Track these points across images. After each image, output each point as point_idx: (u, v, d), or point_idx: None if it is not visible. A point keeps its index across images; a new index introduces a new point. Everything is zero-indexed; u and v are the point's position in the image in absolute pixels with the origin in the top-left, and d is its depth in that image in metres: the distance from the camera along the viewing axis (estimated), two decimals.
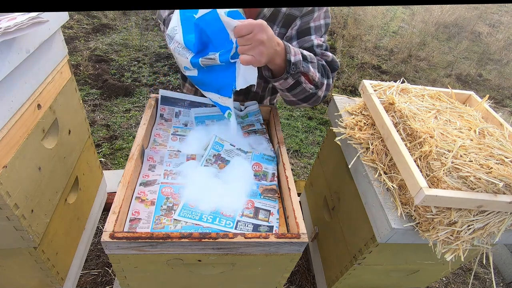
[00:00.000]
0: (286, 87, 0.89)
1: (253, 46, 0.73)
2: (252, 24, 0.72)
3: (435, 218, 0.82)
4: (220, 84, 0.90)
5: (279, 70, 0.85)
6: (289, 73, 0.84)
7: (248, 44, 0.73)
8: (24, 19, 0.76)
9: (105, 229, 0.67)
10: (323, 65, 0.95)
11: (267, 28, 0.74)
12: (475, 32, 5.33)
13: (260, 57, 0.74)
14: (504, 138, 0.98)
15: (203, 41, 0.87)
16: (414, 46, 4.19)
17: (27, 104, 0.88)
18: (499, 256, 1.78)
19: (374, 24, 4.65)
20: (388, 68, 3.77)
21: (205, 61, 0.85)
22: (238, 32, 0.73)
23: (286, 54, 0.82)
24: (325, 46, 1.01)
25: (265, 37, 0.73)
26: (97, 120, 2.29)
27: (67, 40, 3.11)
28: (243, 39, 0.73)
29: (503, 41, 4.82)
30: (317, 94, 0.94)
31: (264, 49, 0.74)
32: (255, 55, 0.74)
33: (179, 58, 0.91)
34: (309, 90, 0.91)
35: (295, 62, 0.83)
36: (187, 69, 0.92)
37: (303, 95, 0.92)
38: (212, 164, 0.92)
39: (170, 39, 0.93)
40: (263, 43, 0.73)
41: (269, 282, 0.88)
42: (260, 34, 0.72)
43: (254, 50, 0.73)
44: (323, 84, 0.93)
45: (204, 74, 0.91)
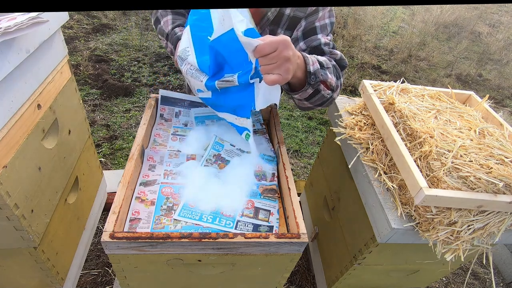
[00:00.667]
0: (305, 97, 0.87)
1: (279, 64, 0.69)
2: (277, 41, 0.68)
3: (435, 218, 0.82)
4: (236, 104, 0.86)
5: (299, 82, 0.83)
6: (310, 84, 0.82)
7: (273, 63, 0.69)
8: (24, 19, 0.76)
9: (105, 229, 0.67)
10: (334, 65, 0.94)
11: (291, 44, 0.70)
12: (475, 32, 5.33)
13: (287, 74, 0.70)
14: (504, 138, 0.98)
15: (219, 63, 0.83)
16: (414, 46, 4.19)
17: (27, 104, 0.88)
18: (499, 256, 1.78)
19: (374, 24, 4.65)
20: (388, 68, 3.77)
21: (222, 83, 0.81)
22: (261, 51, 0.68)
23: (306, 66, 0.80)
24: (332, 44, 1.00)
25: (291, 53, 0.70)
26: (97, 120, 2.29)
27: (67, 40, 3.11)
28: (266, 58, 0.69)
29: (503, 41, 4.82)
30: (333, 97, 0.93)
31: (290, 66, 0.70)
32: (282, 73, 0.70)
33: (192, 81, 0.87)
34: (327, 96, 0.89)
35: (314, 72, 0.81)
36: (200, 91, 0.89)
37: (321, 101, 0.91)
38: (212, 164, 0.92)
39: (181, 61, 0.89)
40: (289, 60, 0.70)
41: (269, 282, 0.88)
42: (286, 51, 0.69)
43: (280, 68, 0.69)
44: (338, 86, 0.92)
45: (219, 96, 0.87)
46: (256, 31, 0.74)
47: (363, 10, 4.95)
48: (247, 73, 0.77)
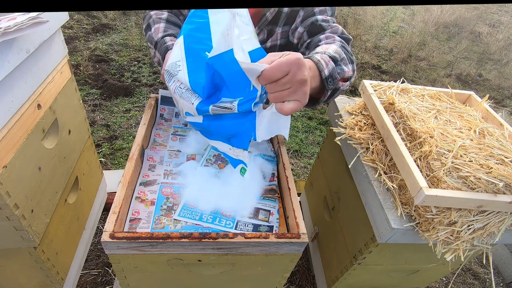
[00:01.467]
0: (324, 100, 0.79)
1: (295, 89, 0.57)
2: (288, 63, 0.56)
3: (435, 218, 0.82)
4: (233, 133, 0.75)
5: (315, 91, 0.73)
6: (328, 89, 0.73)
7: (287, 88, 0.58)
8: (24, 19, 0.76)
9: (105, 229, 0.67)
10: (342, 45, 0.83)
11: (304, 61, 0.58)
12: (475, 32, 5.33)
13: (305, 98, 0.59)
14: (504, 138, 0.98)
15: (216, 84, 0.71)
16: (414, 46, 4.19)
17: (27, 104, 0.88)
18: (499, 256, 1.78)
19: (374, 24, 4.65)
20: (388, 68, 3.77)
21: (218, 109, 0.69)
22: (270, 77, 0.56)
23: (320, 72, 0.70)
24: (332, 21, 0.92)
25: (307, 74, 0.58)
26: (97, 120, 2.29)
27: (67, 40, 3.11)
28: (277, 85, 0.57)
29: (503, 41, 4.82)
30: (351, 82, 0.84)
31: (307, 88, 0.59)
32: (300, 99, 0.59)
33: (181, 101, 0.74)
34: (346, 87, 0.81)
35: (330, 74, 0.72)
36: (190, 115, 0.76)
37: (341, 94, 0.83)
38: (212, 164, 0.92)
39: (169, 77, 0.76)
40: (306, 81, 0.58)
41: (269, 282, 0.88)
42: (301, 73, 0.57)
43: (297, 93, 0.58)
44: (355, 70, 0.83)
45: (211, 122, 0.75)
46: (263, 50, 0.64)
47: (363, 10, 4.95)
48: (250, 101, 0.66)
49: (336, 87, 0.77)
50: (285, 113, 0.60)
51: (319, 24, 0.90)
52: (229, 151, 0.80)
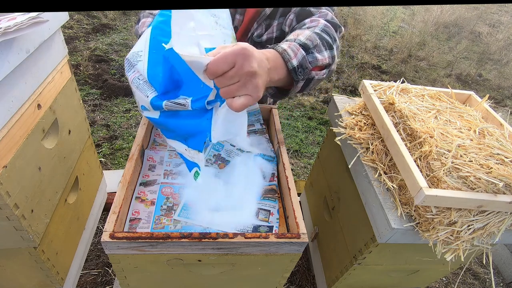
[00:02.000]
0: (297, 91, 0.76)
1: (244, 82, 0.54)
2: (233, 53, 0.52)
3: (435, 218, 0.82)
4: (188, 132, 0.70)
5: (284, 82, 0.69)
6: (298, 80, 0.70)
7: (235, 82, 0.54)
8: (24, 19, 0.76)
9: (105, 229, 0.67)
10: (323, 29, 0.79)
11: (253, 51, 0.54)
12: (475, 32, 5.33)
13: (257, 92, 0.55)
14: (504, 138, 0.98)
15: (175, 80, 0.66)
16: (414, 46, 4.19)
17: (27, 104, 0.88)
18: (499, 256, 1.78)
19: (374, 24, 4.65)
20: (388, 68, 3.77)
21: (172, 105, 0.65)
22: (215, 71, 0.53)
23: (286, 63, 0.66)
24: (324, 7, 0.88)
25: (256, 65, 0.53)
26: (97, 120, 2.29)
27: (67, 40, 3.11)
28: (224, 78, 0.53)
29: (503, 41, 4.82)
30: (331, 70, 0.80)
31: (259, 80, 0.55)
32: (251, 93, 0.55)
33: (138, 93, 0.70)
34: (323, 76, 0.77)
35: (300, 64, 0.68)
36: (145, 109, 0.71)
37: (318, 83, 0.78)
38: (212, 164, 0.92)
39: (129, 66, 0.72)
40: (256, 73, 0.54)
41: (269, 282, 0.88)
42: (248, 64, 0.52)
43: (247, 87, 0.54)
44: (334, 57, 0.78)
45: (167, 119, 0.70)
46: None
47: (363, 10, 4.95)
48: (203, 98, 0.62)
49: (309, 77, 0.73)
50: (235, 109, 0.55)
51: (308, 9, 0.86)
52: (184, 152, 0.76)
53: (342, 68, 3.57)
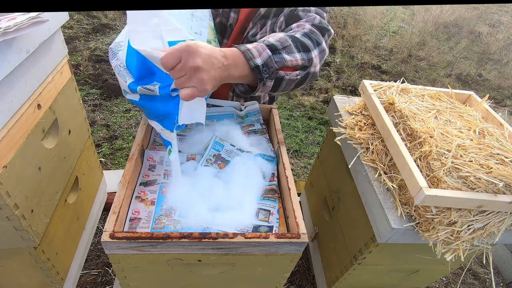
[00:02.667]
0: (270, 90, 0.79)
1: (189, 76, 0.61)
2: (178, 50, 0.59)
3: (435, 218, 0.82)
4: (162, 113, 0.79)
5: (250, 79, 0.74)
6: (263, 78, 0.73)
7: (183, 75, 0.61)
8: (24, 19, 0.76)
9: (105, 229, 0.67)
10: (305, 33, 0.83)
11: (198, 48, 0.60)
12: (475, 32, 5.33)
13: (202, 85, 0.61)
14: (504, 138, 0.98)
15: (148, 67, 0.75)
16: (414, 46, 4.19)
17: (27, 104, 0.88)
18: (499, 256, 1.78)
19: (374, 24, 4.65)
20: (388, 68, 3.77)
21: (144, 90, 0.74)
22: (165, 65, 0.60)
23: (248, 61, 0.70)
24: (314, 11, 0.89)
25: (199, 61, 0.60)
26: (97, 120, 2.29)
27: (67, 40, 3.11)
28: (174, 71, 0.61)
29: (503, 41, 4.82)
30: (310, 72, 0.82)
31: (204, 75, 0.61)
32: (196, 85, 0.61)
33: (119, 79, 0.80)
34: (296, 77, 0.79)
35: (265, 63, 0.72)
36: (126, 92, 0.80)
37: (292, 84, 0.81)
38: (212, 164, 0.92)
39: (112, 55, 0.81)
40: (199, 68, 0.60)
41: (269, 282, 0.88)
42: (191, 59, 0.59)
43: (192, 80, 0.61)
44: (311, 59, 0.81)
45: (145, 101, 0.79)
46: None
47: (363, 10, 4.95)
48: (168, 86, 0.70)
49: (278, 77, 0.76)
50: (182, 99, 0.63)
51: (296, 13, 0.88)
52: (161, 131, 0.84)
53: (342, 68, 3.57)
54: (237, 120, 1.10)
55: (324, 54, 0.86)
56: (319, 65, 0.85)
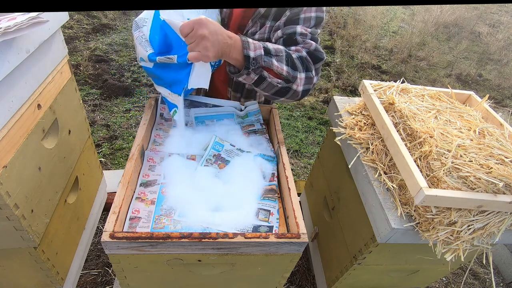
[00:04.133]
0: (252, 83, 0.89)
1: (197, 42, 0.76)
2: (193, 21, 0.75)
3: (435, 218, 0.82)
4: (172, 80, 0.92)
5: (239, 65, 0.86)
6: (249, 68, 0.84)
7: (193, 41, 0.76)
8: (24, 19, 0.76)
9: (105, 229, 0.67)
10: (300, 57, 0.94)
11: (207, 23, 0.76)
12: (475, 32, 5.33)
13: (206, 51, 0.76)
14: (504, 138, 0.98)
15: (168, 44, 0.90)
16: (414, 46, 4.19)
17: (27, 104, 0.88)
18: (499, 256, 1.78)
19: (374, 24, 4.65)
20: (388, 68, 3.77)
21: (163, 59, 0.87)
22: (182, 32, 0.76)
23: (243, 50, 0.82)
24: (310, 36, 0.98)
25: (206, 32, 0.75)
26: (97, 120, 2.29)
27: (67, 40, 3.11)
28: (187, 38, 0.77)
29: (503, 41, 4.82)
30: (292, 88, 0.92)
31: (208, 43, 0.76)
32: (201, 50, 0.76)
33: (139, 48, 0.92)
34: (277, 84, 0.89)
35: (255, 57, 0.84)
36: (143, 60, 0.93)
37: (273, 89, 0.91)
38: (212, 164, 0.92)
39: (136, 27, 0.95)
40: (205, 37, 0.75)
41: (269, 282, 0.88)
42: (201, 30, 0.75)
43: (198, 46, 0.76)
44: (295, 77, 0.91)
45: (158, 69, 0.93)
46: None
47: (363, 10, 4.95)
48: (185, 55, 0.83)
49: (262, 75, 0.87)
50: (190, 59, 0.78)
51: (295, 38, 0.97)
52: (168, 95, 0.97)
53: (342, 68, 3.57)
54: (237, 120, 1.10)
55: (311, 82, 0.95)
56: (302, 87, 0.94)
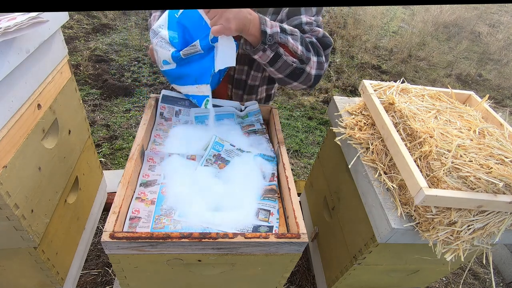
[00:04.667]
0: (267, 61, 0.90)
1: (220, 15, 0.78)
2: None
3: (435, 218, 0.82)
4: (198, 71, 0.94)
5: (256, 41, 0.88)
6: (266, 44, 0.86)
7: (216, 15, 0.79)
8: (24, 19, 0.76)
9: (105, 229, 0.67)
10: (311, 42, 0.96)
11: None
12: (475, 32, 5.33)
13: (228, 23, 0.78)
14: (504, 138, 0.98)
15: (186, 40, 0.93)
16: (414, 46, 4.19)
17: (27, 104, 0.88)
18: (499, 256, 1.78)
19: (374, 24, 4.65)
20: (388, 68, 3.77)
21: (187, 51, 0.89)
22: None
23: (261, 25, 0.85)
24: (316, 24, 1.01)
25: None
26: (97, 120, 2.29)
27: (67, 40, 3.11)
28: (211, 13, 0.80)
29: (503, 41, 4.82)
30: (305, 70, 0.94)
31: (230, 15, 0.78)
32: (223, 22, 0.78)
33: (161, 51, 0.95)
34: (292, 63, 0.91)
35: (272, 34, 0.86)
36: (166, 63, 0.96)
37: (288, 69, 0.93)
38: (212, 164, 0.92)
39: (154, 34, 0.98)
40: (227, 10, 0.78)
41: (269, 282, 0.88)
42: None
43: (221, 18, 0.78)
44: (309, 59, 0.93)
45: (182, 67, 0.95)
46: None
47: (363, 10, 4.95)
48: (206, 37, 0.86)
49: (278, 52, 0.89)
50: (213, 33, 0.81)
51: (302, 29, 0.99)
52: (195, 90, 0.99)
53: (342, 68, 3.57)
54: (237, 120, 1.10)
55: (322, 67, 0.97)
56: (315, 71, 0.96)
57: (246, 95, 1.19)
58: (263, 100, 1.26)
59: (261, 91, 1.22)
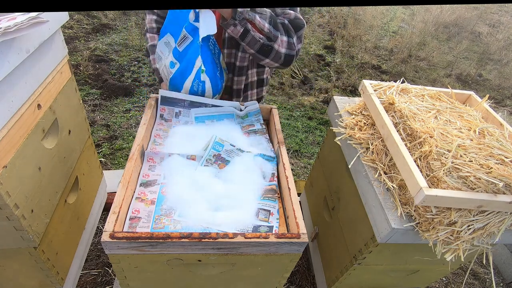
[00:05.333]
0: (238, 35, 0.99)
1: None
2: None
3: (435, 218, 0.82)
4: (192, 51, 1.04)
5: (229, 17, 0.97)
6: (236, 19, 0.95)
7: None
8: (24, 19, 0.76)
9: (105, 229, 0.67)
10: (282, 23, 1.03)
11: None
12: (475, 32, 5.33)
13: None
14: (504, 138, 0.98)
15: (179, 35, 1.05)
16: (414, 46, 4.19)
17: (27, 104, 0.88)
18: (499, 256, 1.78)
19: (374, 24, 4.65)
20: (388, 68, 3.77)
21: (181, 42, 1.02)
22: None
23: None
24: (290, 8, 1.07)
25: None
26: (97, 120, 2.29)
27: (67, 40, 3.11)
28: None
29: (503, 41, 4.82)
30: (274, 48, 1.02)
31: None
32: None
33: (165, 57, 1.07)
34: (259, 39, 1.00)
35: (241, 11, 0.95)
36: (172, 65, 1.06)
37: (256, 45, 1.01)
38: (212, 164, 0.92)
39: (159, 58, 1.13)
40: None
41: (269, 282, 0.88)
42: None
43: None
44: (276, 37, 1.01)
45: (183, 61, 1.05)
46: None
47: (363, 10, 4.95)
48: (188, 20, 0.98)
49: (246, 28, 0.98)
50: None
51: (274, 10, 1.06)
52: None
53: (342, 68, 3.57)
54: (237, 120, 1.10)
55: (292, 48, 1.05)
56: (284, 50, 1.04)
57: (236, 77, 1.20)
58: (255, 84, 1.27)
59: (251, 74, 1.24)
